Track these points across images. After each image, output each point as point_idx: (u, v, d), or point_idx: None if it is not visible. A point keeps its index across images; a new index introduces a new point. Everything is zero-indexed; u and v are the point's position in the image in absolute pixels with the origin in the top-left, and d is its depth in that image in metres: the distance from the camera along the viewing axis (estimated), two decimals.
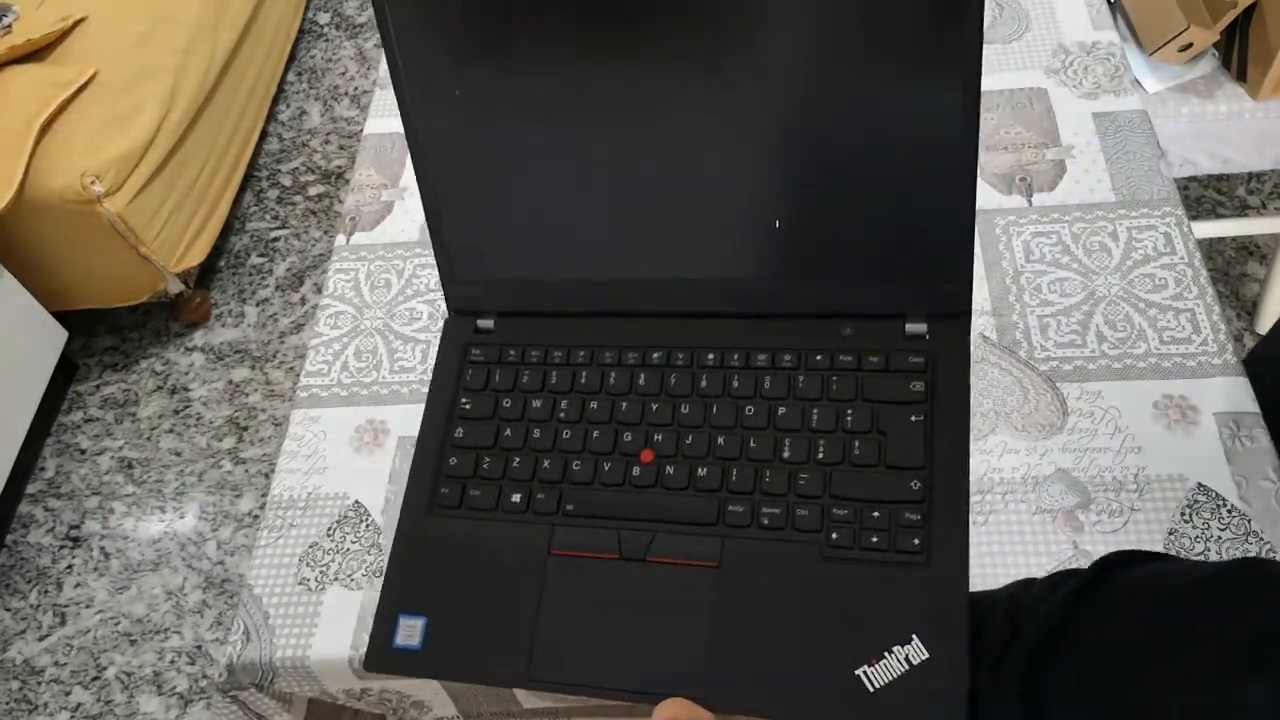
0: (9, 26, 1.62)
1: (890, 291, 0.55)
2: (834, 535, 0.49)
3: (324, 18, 2.27)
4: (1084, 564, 0.68)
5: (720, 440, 0.53)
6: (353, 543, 0.76)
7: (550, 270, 0.60)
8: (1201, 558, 0.68)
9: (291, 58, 2.14)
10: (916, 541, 0.48)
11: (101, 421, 1.73)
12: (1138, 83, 1.21)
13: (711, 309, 0.58)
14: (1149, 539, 0.69)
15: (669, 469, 0.53)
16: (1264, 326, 1.50)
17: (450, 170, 0.58)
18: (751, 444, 0.53)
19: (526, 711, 0.79)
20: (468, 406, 0.59)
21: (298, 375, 0.97)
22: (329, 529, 0.77)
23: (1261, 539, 0.68)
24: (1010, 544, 0.70)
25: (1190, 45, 1.18)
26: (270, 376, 1.75)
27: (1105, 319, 0.78)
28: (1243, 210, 1.67)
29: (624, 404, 0.56)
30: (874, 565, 0.48)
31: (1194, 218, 1.61)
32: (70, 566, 1.58)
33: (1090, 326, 0.78)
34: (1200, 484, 0.70)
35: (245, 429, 1.69)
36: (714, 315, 0.58)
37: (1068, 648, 0.42)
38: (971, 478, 0.73)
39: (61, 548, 1.60)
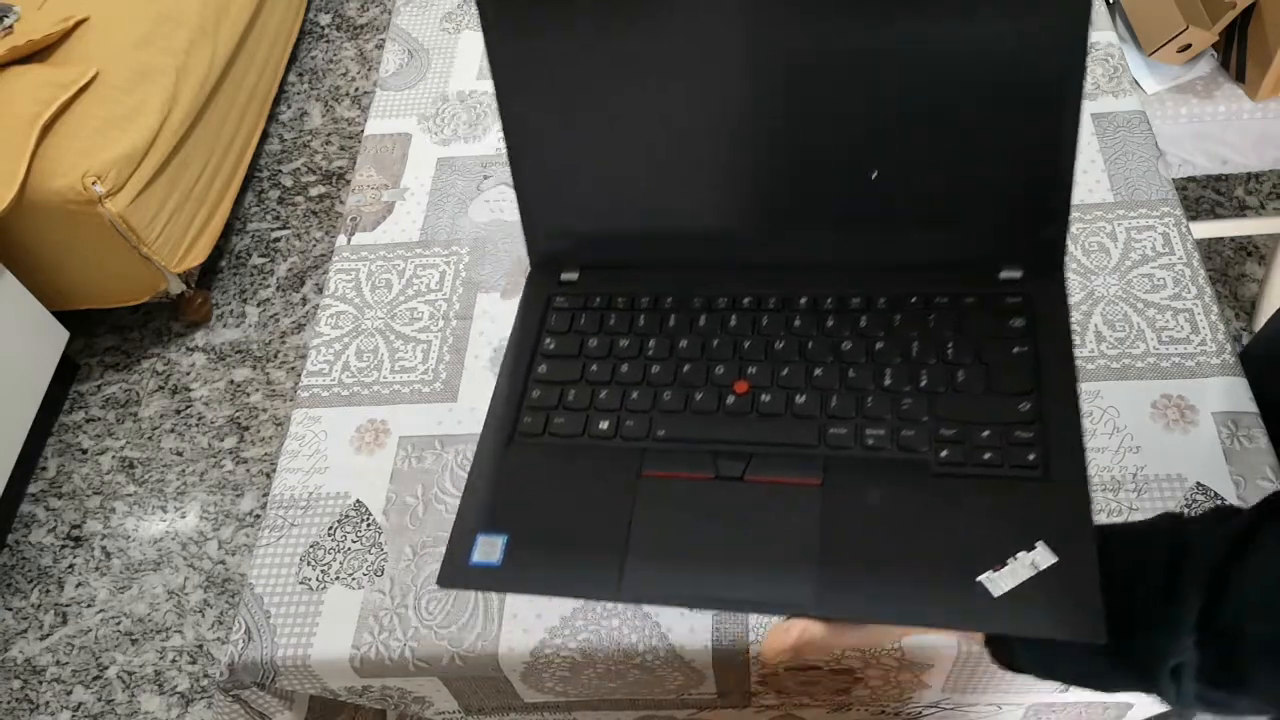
0: (10, 27, 1.62)
1: (986, 240, 0.53)
2: (943, 453, 0.48)
3: (325, 19, 2.27)
4: None
5: (818, 372, 0.52)
6: (354, 542, 0.76)
7: (636, 223, 0.59)
8: None
9: (292, 58, 2.14)
10: (1032, 457, 0.47)
11: (103, 421, 1.74)
12: (1136, 83, 1.21)
13: (803, 260, 0.56)
14: None
15: (764, 397, 0.52)
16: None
17: (536, 123, 0.57)
18: (850, 374, 0.52)
19: (528, 706, 0.79)
20: (551, 346, 0.57)
21: (299, 375, 0.98)
22: (330, 528, 0.77)
23: None
24: None
25: (1189, 46, 1.18)
26: (271, 376, 1.75)
27: (1104, 319, 0.79)
28: (1241, 210, 1.67)
29: (715, 342, 0.55)
30: (988, 480, 0.47)
31: (1192, 218, 1.61)
32: (71, 566, 1.58)
33: (1089, 326, 0.78)
34: (1199, 483, 0.71)
35: (246, 429, 1.69)
36: (805, 267, 0.56)
37: (1257, 566, 0.40)
38: None
39: (63, 547, 1.60)
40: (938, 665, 0.70)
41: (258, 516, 1.59)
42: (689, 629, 0.70)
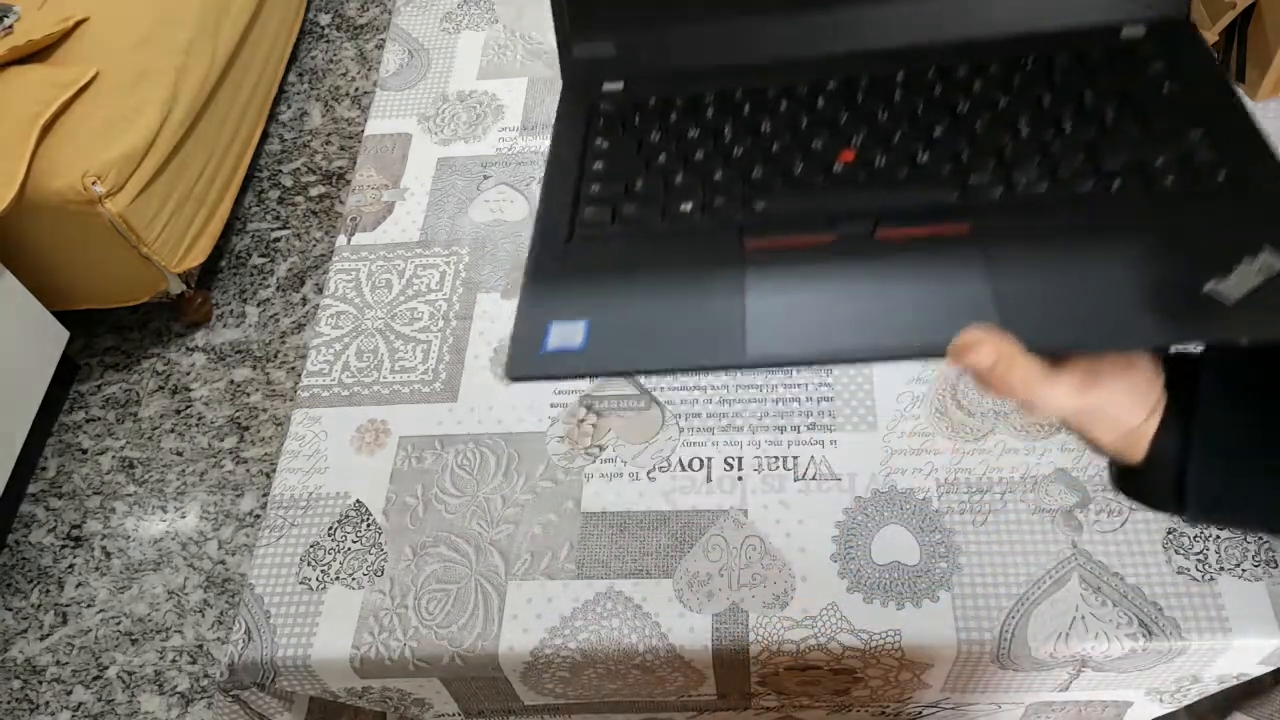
0: (10, 27, 1.62)
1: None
2: (1114, 185, 0.42)
3: (325, 19, 2.27)
4: (1084, 563, 0.69)
5: (937, 130, 0.46)
6: (354, 542, 0.76)
7: (689, 19, 0.51)
8: (1200, 558, 0.68)
9: (292, 59, 2.14)
10: (1221, 178, 0.41)
11: (103, 421, 1.74)
12: None
13: (887, 41, 0.49)
14: (1148, 538, 0.69)
15: (878, 161, 0.45)
16: None
17: None
18: (977, 128, 0.46)
19: (528, 708, 0.79)
20: (604, 145, 0.49)
21: (299, 375, 0.98)
22: (330, 528, 0.77)
23: (1260, 538, 0.68)
24: (1009, 543, 0.70)
25: None
26: (271, 376, 1.75)
27: None
28: None
29: (803, 121, 0.48)
30: (1173, 205, 0.41)
31: None
32: (71, 566, 1.58)
33: None
34: None
35: (246, 429, 1.69)
36: (889, 54, 0.49)
37: None
38: (970, 477, 0.73)
39: (63, 547, 1.60)
40: (938, 665, 0.70)
41: (258, 516, 1.59)
42: (689, 629, 0.70)
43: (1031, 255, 0.41)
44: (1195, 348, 0.41)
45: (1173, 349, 0.42)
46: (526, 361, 0.42)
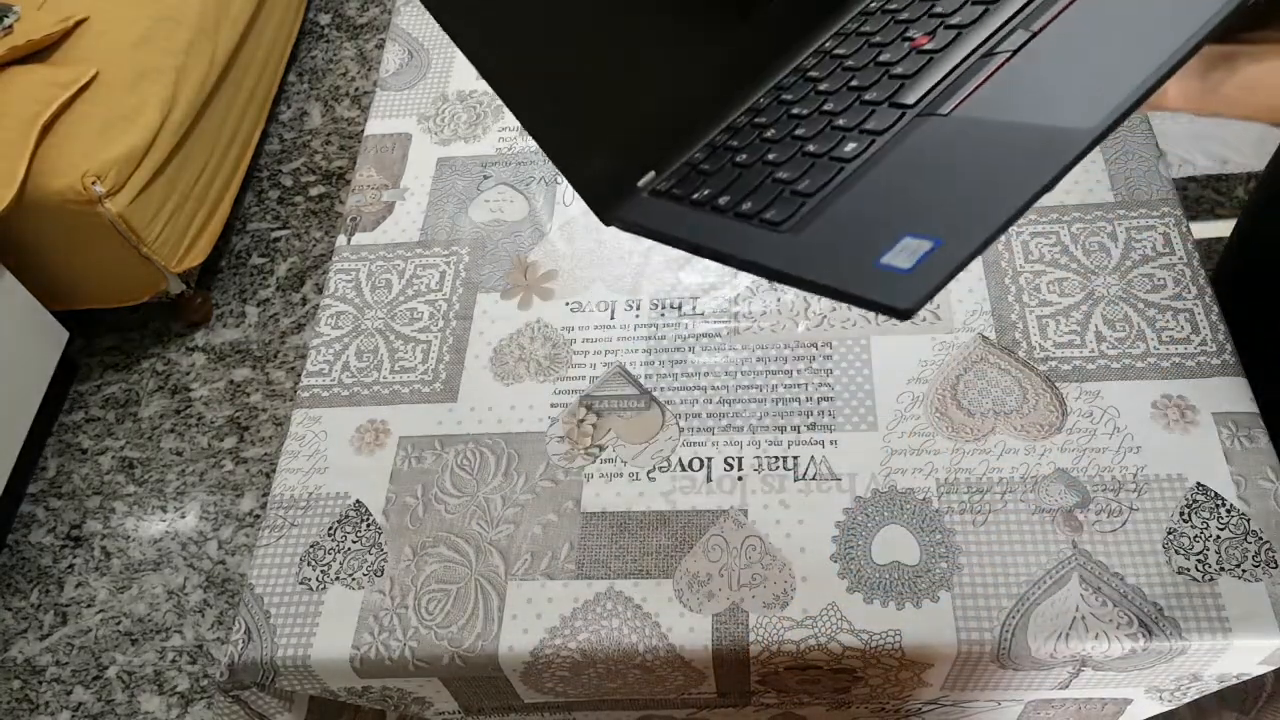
0: (10, 27, 1.62)
1: None
2: None
3: (325, 18, 2.27)
4: (1084, 563, 0.69)
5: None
6: (354, 542, 0.76)
7: (675, 85, 0.48)
8: (1200, 558, 0.68)
9: (292, 58, 2.14)
10: None
11: (103, 421, 1.74)
12: None
13: None
14: (1148, 538, 0.69)
15: (959, 17, 0.42)
16: None
17: (513, 59, 0.45)
18: None
19: (528, 706, 0.79)
20: (707, 193, 0.45)
21: (299, 375, 0.98)
22: (330, 528, 0.77)
23: (1261, 538, 0.68)
24: (1009, 543, 0.70)
25: None
26: (271, 376, 1.75)
27: (1104, 319, 0.79)
28: (1241, 211, 1.67)
29: (848, 62, 0.44)
30: None
31: (1192, 218, 1.61)
32: (71, 566, 1.58)
33: (1089, 326, 0.78)
34: (1199, 483, 0.71)
35: (246, 429, 1.69)
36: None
37: None
38: (970, 477, 0.73)
39: (63, 547, 1.60)
40: (938, 665, 0.70)
41: (258, 516, 1.59)
42: (689, 629, 0.70)
43: None
44: None
45: None
46: (902, 286, 0.34)
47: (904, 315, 0.34)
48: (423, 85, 1.04)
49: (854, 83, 0.44)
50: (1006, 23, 0.41)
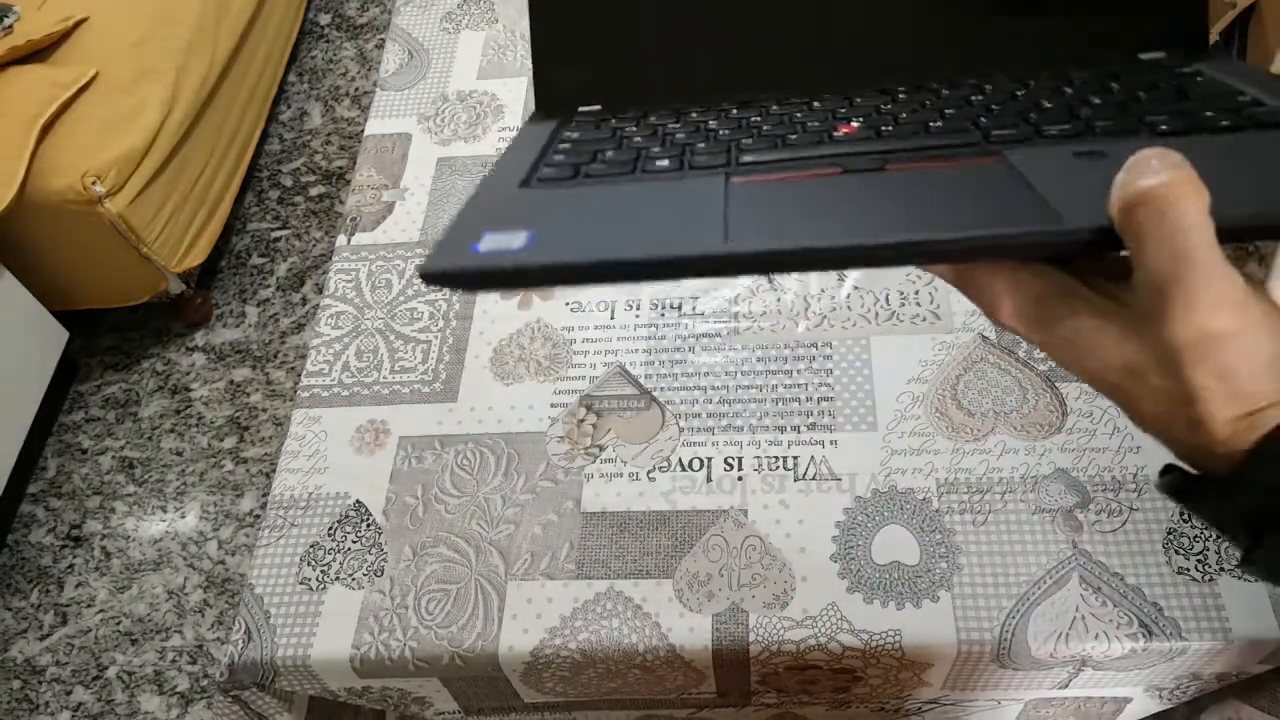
0: (10, 27, 1.62)
1: (1115, 23, 0.45)
2: (1162, 124, 0.37)
3: (325, 18, 2.27)
4: (1084, 563, 0.69)
5: (949, 110, 0.41)
6: (353, 542, 0.76)
7: (675, 45, 0.48)
8: (1200, 558, 0.68)
9: (292, 58, 2.14)
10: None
11: (103, 421, 1.73)
12: None
13: (886, 66, 0.45)
14: (1148, 538, 0.69)
15: (885, 127, 0.40)
16: None
17: None
18: (991, 92, 0.42)
19: (528, 706, 0.79)
20: (573, 135, 0.44)
21: (299, 375, 0.98)
22: (330, 528, 0.77)
23: None
24: (1009, 543, 0.70)
25: None
26: (271, 376, 1.75)
27: None
28: None
29: (797, 114, 0.43)
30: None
31: None
32: (71, 566, 1.58)
33: None
34: None
35: (246, 429, 1.69)
36: (889, 76, 0.45)
37: None
38: (970, 477, 0.73)
39: (63, 547, 1.60)
40: (938, 665, 0.70)
41: (258, 516, 1.59)
42: (689, 629, 0.70)
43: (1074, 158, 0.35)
44: None
45: None
46: (450, 256, 0.33)
47: (422, 279, 0.32)
48: (423, 85, 1.04)
49: (756, 119, 0.44)
50: (891, 150, 0.39)
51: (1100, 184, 0.30)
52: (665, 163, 0.39)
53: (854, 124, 0.41)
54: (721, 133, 0.42)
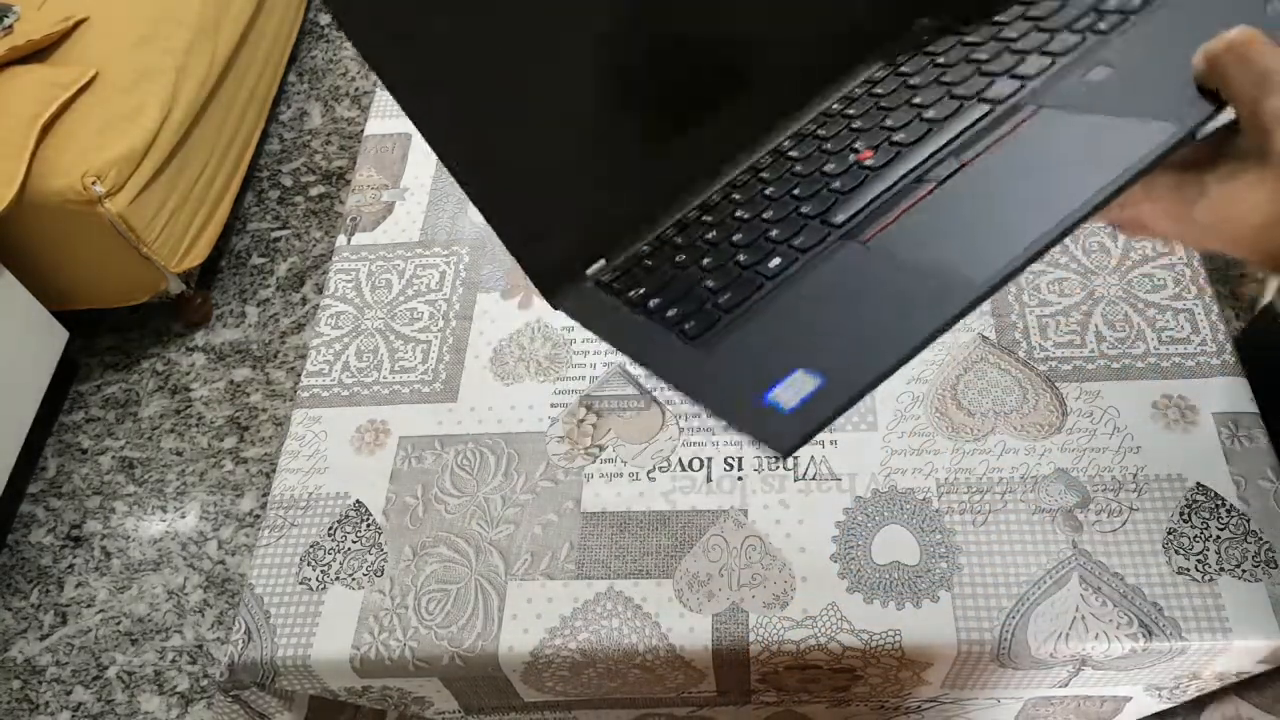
0: (10, 27, 1.62)
1: None
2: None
3: (325, 18, 2.27)
4: (1084, 563, 0.69)
5: (954, 84, 0.43)
6: (354, 542, 0.76)
7: (622, 172, 0.48)
8: (1200, 558, 0.68)
9: (292, 58, 2.14)
10: None
11: (103, 421, 1.74)
12: None
13: (835, 61, 0.47)
14: (1148, 538, 0.69)
15: (901, 134, 0.42)
16: None
17: (467, 132, 0.45)
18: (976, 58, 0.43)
19: (528, 705, 0.79)
20: (640, 293, 0.45)
21: (299, 375, 0.98)
22: (330, 529, 0.77)
23: (1261, 539, 0.68)
24: (1009, 543, 0.70)
25: None
26: (271, 376, 1.75)
27: (1104, 319, 0.79)
28: None
29: (798, 164, 0.45)
30: None
31: None
32: (71, 566, 1.58)
33: (1089, 326, 0.79)
34: (1199, 484, 0.71)
35: (246, 429, 1.69)
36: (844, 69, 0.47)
37: None
38: (970, 477, 0.73)
39: (63, 547, 1.60)
40: (937, 664, 0.70)
41: (258, 516, 1.59)
42: (689, 629, 0.70)
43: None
44: None
45: None
46: (784, 424, 0.35)
47: (783, 456, 0.35)
48: None
49: (796, 190, 0.44)
50: (946, 144, 0.41)
51: (1164, 80, 0.35)
52: (778, 261, 0.40)
53: (870, 149, 0.42)
54: (768, 214, 0.43)
